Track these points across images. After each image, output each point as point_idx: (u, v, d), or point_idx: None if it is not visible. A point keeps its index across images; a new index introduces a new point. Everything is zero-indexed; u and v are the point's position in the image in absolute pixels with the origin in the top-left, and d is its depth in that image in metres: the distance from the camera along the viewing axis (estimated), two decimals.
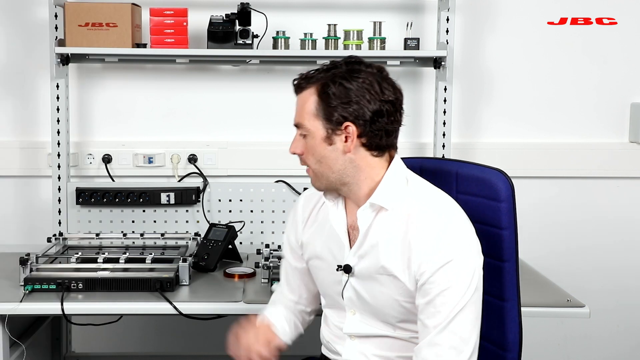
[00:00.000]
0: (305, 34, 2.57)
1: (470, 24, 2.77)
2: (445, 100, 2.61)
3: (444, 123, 2.62)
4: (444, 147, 2.63)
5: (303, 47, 2.57)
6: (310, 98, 1.56)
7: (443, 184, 1.68)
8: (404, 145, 2.68)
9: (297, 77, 1.60)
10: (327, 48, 2.58)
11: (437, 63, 2.62)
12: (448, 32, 2.57)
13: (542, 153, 2.81)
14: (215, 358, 2.82)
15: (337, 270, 1.64)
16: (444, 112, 2.62)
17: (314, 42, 2.57)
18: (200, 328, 2.83)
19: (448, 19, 2.57)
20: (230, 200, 2.68)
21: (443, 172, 1.79)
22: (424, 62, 2.68)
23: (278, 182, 2.69)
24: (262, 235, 2.68)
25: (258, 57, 2.64)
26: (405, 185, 1.59)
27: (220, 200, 2.68)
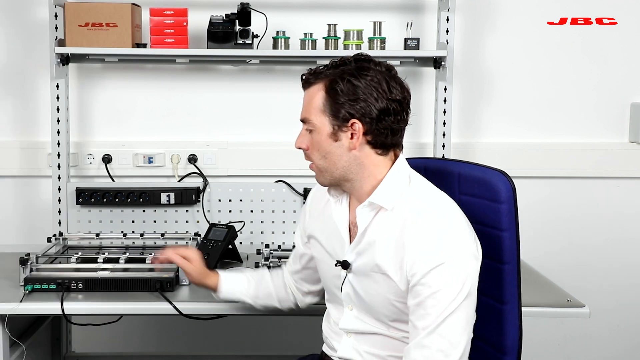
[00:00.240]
0: (305, 34, 2.57)
1: (470, 24, 2.77)
2: (445, 100, 2.61)
3: (444, 123, 2.62)
4: (444, 147, 2.63)
5: (303, 47, 2.57)
6: (318, 94, 1.57)
7: (446, 185, 1.68)
8: (404, 145, 2.67)
9: (305, 72, 1.61)
10: (327, 48, 2.58)
11: (437, 63, 2.62)
12: (448, 32, 2.57)
13: (542, 153, 2.81)
14: (215, 358, 2.84)
15: (335, 266, 1.65)
16: (444, 112, 2.62)
17: (314, 42, 2.57)
18: (200, 328, 2.83)
19: (448, 19, 2.57)
20: (230, 200, 2.68)
21: (446, 173, 1.78)
22: (424, 62, 2.68)
23: (278, 182, 2.69)
24: (262, 235, 2.67)
25: (258, 57, 2.64)
26: (407, 186, 1.59)
27: (220, 200, 2.68)
